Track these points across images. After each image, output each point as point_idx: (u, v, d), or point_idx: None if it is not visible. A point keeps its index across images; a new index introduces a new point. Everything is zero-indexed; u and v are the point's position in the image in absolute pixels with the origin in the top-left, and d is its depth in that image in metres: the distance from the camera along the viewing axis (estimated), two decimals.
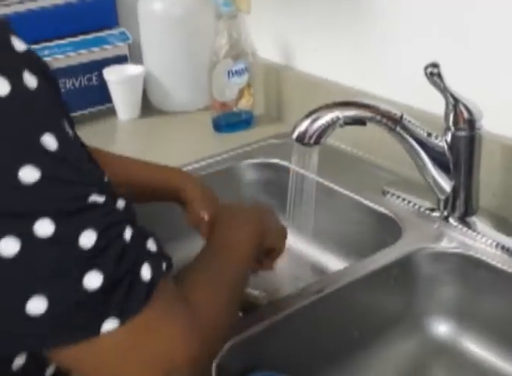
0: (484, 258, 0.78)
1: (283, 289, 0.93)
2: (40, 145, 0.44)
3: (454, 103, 0.79)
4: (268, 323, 0.70)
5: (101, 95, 1.22)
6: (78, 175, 0.45)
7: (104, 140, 1.12)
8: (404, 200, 0.90)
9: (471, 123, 0.80)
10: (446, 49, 0.88)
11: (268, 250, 0.74)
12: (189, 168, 1.01)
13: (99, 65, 1.22)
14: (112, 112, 1.23)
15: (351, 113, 0.80)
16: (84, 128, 1.18)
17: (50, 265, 0.43)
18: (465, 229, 0.83)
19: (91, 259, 0.44)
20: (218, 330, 0.54)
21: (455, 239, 0.82)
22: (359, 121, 0.80)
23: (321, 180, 0.90)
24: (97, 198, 0.46)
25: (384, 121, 0.79)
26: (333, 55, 1.06)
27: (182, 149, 1.10)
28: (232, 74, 1.10)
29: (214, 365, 0.64)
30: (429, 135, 0.81)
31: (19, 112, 0.44)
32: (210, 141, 1.12)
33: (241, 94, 1.12)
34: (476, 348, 0.80)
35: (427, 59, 0.78)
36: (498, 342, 0.78)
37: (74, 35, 1.22)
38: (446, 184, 0.83)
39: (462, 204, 0.84)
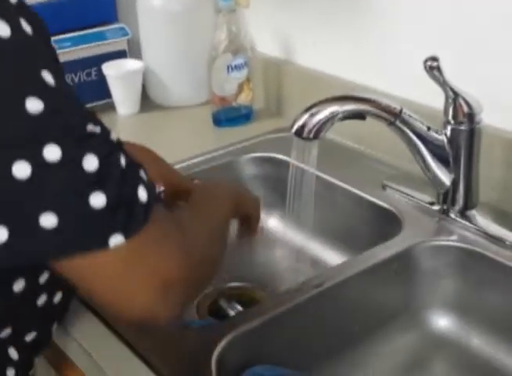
0: (484, 251, 0.78)
1: (283, 283, 0.93)
2: (42, 79, 0.48)
3: (454, 97, 0.79)
4: (268, 318, 0.70)
5: (100, 90, 1.22)
6: (75, 108, 0.50)
7: None
8: (404, 194, 0.90)
9: (471, 117, 0.80)
10: (445, 43, 0.88)
11: (246, 217, 0.79)
12: (189, 162, 1.01)
13: (98, 60, 1.22)
14: (111, 107, 1.23)
15: (351, 107, 0.79)
16: None
17: (59, 186, 0.48)
18: (465, 222, 0.83)
19: (95, 181, 0.49)
20: (206, 261, 0.59)
21: (455, 232, 0.82)
22: (359, 115, 0.80)
23: (321, 174, 0.90)
24: (94, 128, 0.50)
25: (384, 115, 0.79)
26: (332, 49, 1.06)
27: (182, 144, 1.10)
28: (232, 68, 1.10)
29: (214, 358, 0.64)
30: (428, 129, 0.81)
31: (21, 51, 0.48)
32: (209, 136, 1.12)
33: (241, 89, 1.12)
34: (476, 341, 0.80)
35: (427, 53, 0.77)
36: (498, 336, 0.78)
37: (74, 30, 1.22)
38: (446, 178, 0.83)
39: (462, 198, 0.84)
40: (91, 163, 0.49)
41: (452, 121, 0.80)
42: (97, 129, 0.51)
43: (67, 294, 0.65)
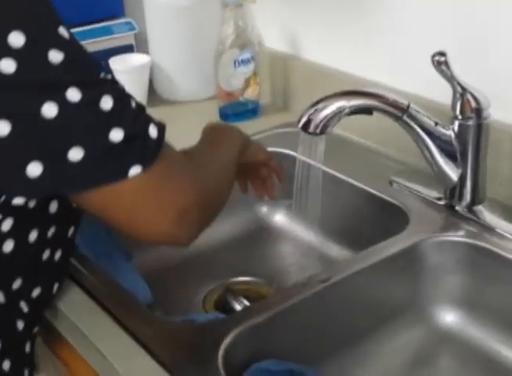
0: (490, 247, 0.78)
1: (289, 278, 0.94)
2: (60, 34, 0.55)
3: (461, 92, 0.78)
4: (274, 312, 0.70)
5: None
6: (89, 58, 0.57)
7: None
8: (411, 189, 0.90)
9: (479, 112, 0.79)
10: (453, 38, 0.88)
11: (261, 179, 0.85)
12: None
13: (105, 55, 1.22)
14: None
15: (358, 102, 0.79)
16: None
17: (82, 123, 0.54)
18: (472, 218, 0.83)
19: (112, 119, 0.55)
20: (217, 190, 0.66)
21: (461, 228, 0.82)
22: (366, 111, 0.80)
23: (327, 170, 0.90)
24: (106, 75, 0.57)
25: (391, 110, 0.79)
26: (339, 44, 1.05)
27: (189, 138, 1.09)
28: (239, 63, 1.10)
29: (220, 353, 0.64)
30: (436, 124, 0.81)
31: (44, 10, 0.55)
32: None
33: (247, 83, 1.12)
34: (482, 337, 0.80)
35: (435, 48, 0.77)
36: (504, 331, 0.78)
37: (81, 25, 1.22)
38: (453, 173, 0.83)
39: (469, 193, 0.83)
40: (107, 103, 0.55)
41: (460, 116, 0.80)
42: (108, 76, 0.57)
43: (66, 254, 0.70)
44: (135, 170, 0.56)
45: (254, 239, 1.02)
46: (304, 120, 0.78)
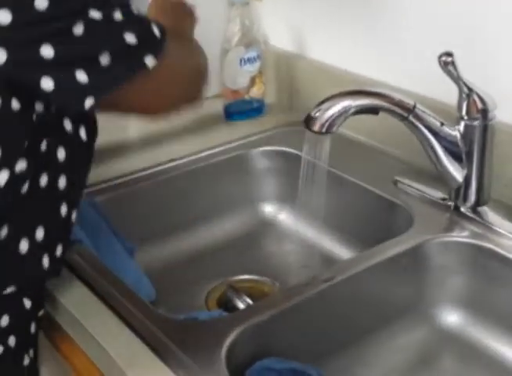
0: (495, 247, 0.78)
1: (292, 276, 0.94)
2: None
3: (468, 93, 0.78)
4: (277, 311, 0.70)
5: None
6: None
7: (113, 127, 1.12)
8: (415, 189, 0.89)
9: (485, 113, 0.79)
10: (460, 38, 0.88)
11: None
12: (200, 155, 1.02)
13: None
14: None
15: (364, 102, 0.79)
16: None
17: (105, 32, 0.61)
18: (476, 218, 0.83)
19: (124, 26, 0.62)
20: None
21: (466, 229, 0.82)
22: (371, 110, 0.80)
23: (332, 169, 0.90)
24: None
25: (397, 110, 0.79)
26: (345, 43, 1.05)
27: (193, 136, 1.10)
28: (245, 61, 1.10)
29: (223, 351, 0.64)
30: (442, 124, 0.81)
31: None
32: (221, 128, 1.12)
33: (253, 82, 1.12)
34: (486, 338, 0.79)
35: (441, 48, 0.77)
36: (508, 332, 0.78)
37: None
38: (458, 174, 0.83)
39: (474, 194, 0.83)
40: (118, 14, 0.61)
41: (466, 117, 0.80)
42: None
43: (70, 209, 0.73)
44: (149, 61, 0.64)
45: (258, 237, 1.02)
46: (309, 119, 0.78)
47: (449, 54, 0.76)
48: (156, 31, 0.65)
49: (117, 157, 1.01)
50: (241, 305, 0.85)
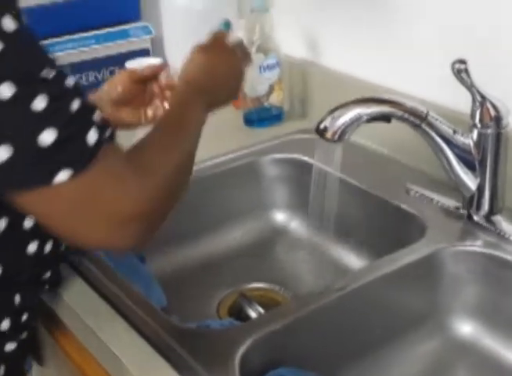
0: (509, 257, 0.77)
1: (304, 285, 0.93)
2: (1, 26, 0.52)
3: (481, 100, 0.78)
4: (290, 320, 0.70)
5: None
6: (33, 52, 0.55)
7: (126, 133, 1.11)
8: (428, 198, 0.89)
9: (498, 120, 0.79)
10: (473, 45, 0.87)
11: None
12: (212, 162, 1.01)
13: (122, 58, 1.22)
14: None
15: (376, 109, 0.79)
16: None
17: (11, 122, 0.52)
18: (490, 227, 0.82)
19: (43, 121, 0.53)
20: (170, 190, 0.62)
21: (479, 238, 0.81)
22: (384, 118, 0.80)
23: (344, 177, 0.89)
24: (48, 73, 0.55)
25: (410, 117, 0.78)
26: (358, 51, 1.05)
27: (204, 143, 1.09)
28: (264, 68, 1.10)
29: (237, 360, 0.64)
30: (455, 132, 0.80)
31: None
32: (233, 135, 1.11)
33: (272, 89, 1.11)
34: (500, 348, 0.79)
35: (454, 56, 0.77)
36: None
37: (98, 28, 1.22)
38: (471, 182, 0.82)
39: (487, 203, 0.83)
40: (40, 103, 0.53)
41: (479, 125, 0.79)
42: (51, 74, 0.55)
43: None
44: (61, 177, 0.54)
45: (270, 245, 1.01)
46: (321, 127, 0.78)
47: (463, 61, 0.76)
48: (91, 135, 0.55)
49: None
50: (253, 314, 0.84)
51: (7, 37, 0.53)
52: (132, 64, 1.22)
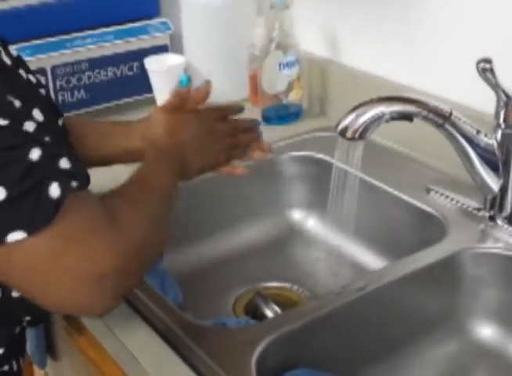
0: None
1: (321, 284, 0.92)
2: None
3: (506, 100, 0.77)
4: (308, 321, 0.69)
5: (141, 84, 1.22)
6: None
7: None
8: (449, 198, 0.88)
9: None
10: (499, 44, 0.86)
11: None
12: None
13: (141, 54, 1.22)
14: (152, 101, 1.22)
15: (398, 108, 0.77)
16: (124, 116, 1.18)
17: None
18: None
19: None
20: (145, 244, 0.57)
21: (501, 240, 0.80)
22: (406, 117, 0.78)
23: (363, 176, 0.88)
24: (0, 122, 0.50)
25: (433, 116, 0.77)
26: (379, 49, 1.04)
27: None
28: (283, 66, 1.09)
29: (254, 360, 0.63)
30: (478, 132, 0.79)
31: None
32: None
33: (291, 86, 1.10)
34: None
35: (478, 54, 0.75)
36: None
37: (117, 24, 1.22)
38: (494, 183, 0.81)
39: (510, 204, 0.81)
40: None
41: (503, 125, 0.78)
42: (4, 122, 0.50)
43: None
44: (16, 236, 0.49)
45: (287, 244, 1.00)
46: (342, 125, 0.76)
47: (488, 60, 0.74)
48: (53, 189, 0.50)
49: None
50: (269, 313, 0.84)
51: None
52: (151, 61, 1.21)
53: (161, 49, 1.25)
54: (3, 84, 0.52)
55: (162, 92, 1.22)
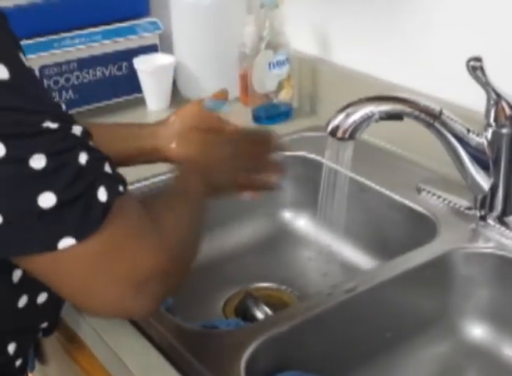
0: None
1: (311, 285, 0.92)
2: None
3: (496, 99, 0.76)
4: (298, 322, 0.68)
5: (131, 84, 1.21)
6: (30, 104, 0.49)
7: None
8: (440, 197, 0.87)
9: None
10: (489, 42, 0.85)
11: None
12: None
13: (130, 54, 1.21)
14: (141, 102, 1.22)
15: (388, 107, 0.77)
16: (114, 117, 1.17)
17: (5, 184, 0.47)
18: (503, 228, 0.80)
19: (43, 180, 0.48)
20: (185, 251, 0.59)
21: (492, 239, 0.80)
22: (396, 116, 0.78)
23: (354, 176, 0.88)
24: (50, 125, 0.49)
25: (423, 116, 0.77)
26: (369, 48, 1.03)
27: None
28: (274, 65, 1.08)
29: (243, 362, 0.62)
30: (468, 131, 0.78)
31: None
32: None
33: (281, 86, 1.10)
34: (511, 352, 0.77)
35: (468, 53, 0.75)
36: None
37: (106, 24, 1.21)
38: (485, 182, 0.80)
39: (500, 203, 0.81)
40: (39, 161, 0.47)
41: (494, 124, 0.78)
42: (54, 126, 0.49)
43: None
44: (66, 242, 0.49)
45: (277, 244, 1.00)
46: (332, 125, 0.76)
47: (478, 59, 0.74)
48: (101, 194, 0.50)
49: None
50: (259, 315, 0.83)
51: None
52: (141, 61, 1.21)
53: (151, 49, 1.24)
54: (46, 88, 0.52)
55: (152, 91, 1.21)
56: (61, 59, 1.15)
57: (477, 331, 0.80)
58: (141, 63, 1.20)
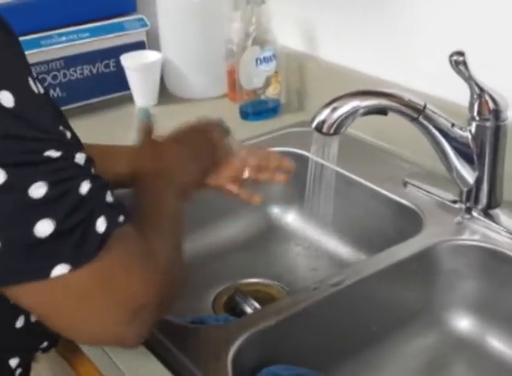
0: (507, 251, 0.77)
1: (299, 279, 0.92)
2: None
3: (479, 93, 0.77)
4: (285, 316, 0.69)
5: (118, 81, 1.21)
6: (33, 132, 0.49)
7: (121, 127, 1.11)
8: (425, 191, 0.88)
9: (497, 113, 0.78)
10: (472, 37, 0.86)
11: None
12: None
13: (117, 51, 1.21)
14: (129, 99, 1.22)
15: (372, 102, 0.77)
16: (101, 114, 1.17)
17: (2, 211, 0.47)
18: (488, 221, 0.81)
19: (42, 209, 0.48)
20: (175, 274, 0.59)
21: (477, 232, 0.81)
22: (381, 111, 0.78)
23: (340, 170, 0.88)
24: (53, 153, 0.49)
25: (407, 110, 0.77)
26: (355, 43, 1.04)
27: None
28: (260, 61, 1.08)
29: (230, 357, 0.63)
30: (453, 125, 0.79)
31: None
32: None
33: (269, 82, 1.10)
34: (498, 343, 0.78)
35: (452, 48, 0.75)
36: None
37: (92, 21, 1.21)
38: (469, 176, 0.81)
39: (485, 197, 0.82)
40: (39, 190, 0.47)
41: (477, 118, 0.78)
42: (57, 154, 0.49)
43: None
44: (60, 270, 0.49)
45: (265, 240, 1.00)
46: (317, 120, 0.76)
47: (461, 53, 0.75)
48: (100, 224, 0.50)
49: None
50: (249, 310, 0.84)
51: (1, 118, 0.47)
52: (128, 58, 1.21)
53: (138, 46, 1.24)
54: (54, 114, 0.52)
55: (139, 89, 1.21)
56: (48, 56, 1.15)
57: (463, 323, 0.81)
58: (128, 60, 1.20)
